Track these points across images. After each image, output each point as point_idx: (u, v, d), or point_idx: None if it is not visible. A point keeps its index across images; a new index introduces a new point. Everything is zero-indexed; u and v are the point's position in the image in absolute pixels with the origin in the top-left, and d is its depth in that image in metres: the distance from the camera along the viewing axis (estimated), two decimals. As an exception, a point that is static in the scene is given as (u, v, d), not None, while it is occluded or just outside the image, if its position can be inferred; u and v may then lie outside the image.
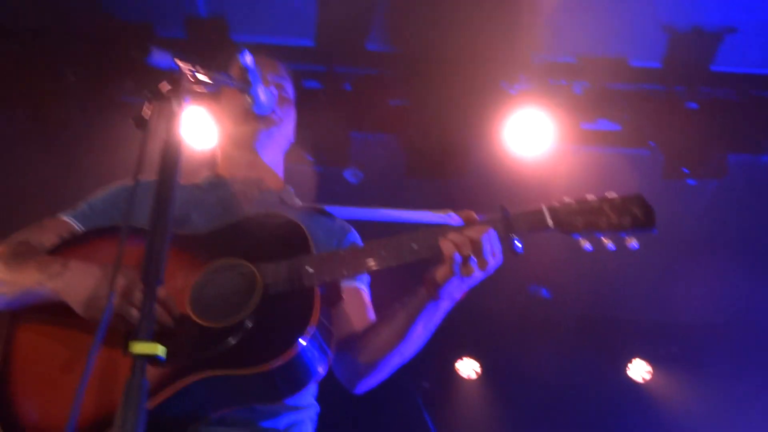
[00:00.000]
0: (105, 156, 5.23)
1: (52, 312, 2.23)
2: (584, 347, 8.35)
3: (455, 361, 8.75)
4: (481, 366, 8.72)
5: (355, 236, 2.70)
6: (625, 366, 8.71)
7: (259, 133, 2.70)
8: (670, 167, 5.54)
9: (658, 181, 5.60)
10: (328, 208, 2.72)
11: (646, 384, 8.69)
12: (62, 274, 2.21)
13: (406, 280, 2.45)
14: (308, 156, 5.26)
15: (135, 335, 1.65)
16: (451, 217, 2.38)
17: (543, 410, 8.29)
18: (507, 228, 2.22)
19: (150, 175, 2.03)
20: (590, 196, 2.28)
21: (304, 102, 5.07)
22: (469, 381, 8.80)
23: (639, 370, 8.69)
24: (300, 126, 2.95)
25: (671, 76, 5.41)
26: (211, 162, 2.85)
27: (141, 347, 1.64)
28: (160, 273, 1.73)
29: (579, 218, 2.24)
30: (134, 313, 2.07)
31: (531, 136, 5.41)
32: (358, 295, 2.59)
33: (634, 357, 8.70)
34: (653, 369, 8.67)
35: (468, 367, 8.76)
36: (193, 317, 2.16)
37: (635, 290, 7.60)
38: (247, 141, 2.72)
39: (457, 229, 2.23)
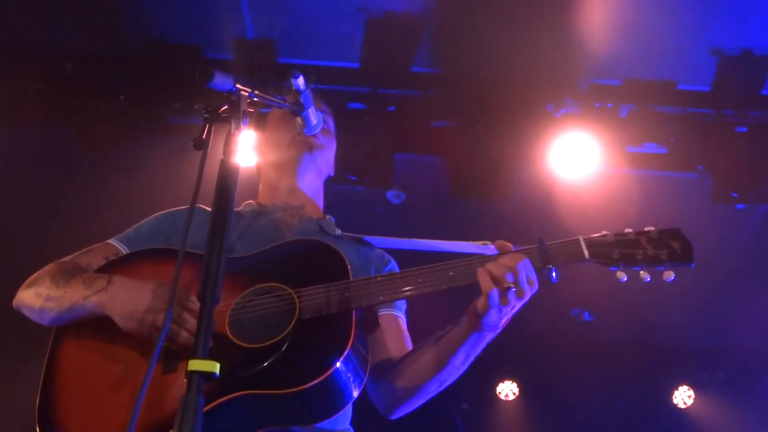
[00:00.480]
0: (152, 175, 5.32)
1: (96, 327, 2.28)
2: (626, 371, 8.23)
3: (495, 382, 8.68)
4: (522, 388, 8.64)
5: (394, 266, 2.71)
6: (670, 392, 8.56)
7: (303, 157, 2.73)
8: (719, 191, 5.46)
9: (706, 205, 5.52)
10: (367, 237, 2.73)
11: (690, 410, 8.52)
12: (106, 288, 2.27)
13: (444, 309, 2.44)
14: (351, 176, 5.29)
15: (193, 352, 1.68)
16: (490, 248, 2.38)
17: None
18: (543, 259, 2.21)
19: (197, 199, 2.06)
20: (628, 230, 2.27)
21: (348, 123, 5.14)
22: (508, 403, 8.72)
23: (683, 395, 8.54)
24: (344, 146, 2.97)
25: (720, 100, 5.35)
26: (250, 189, 2.87)
27: (198, 364, 1.66)
28: (217, 292, 1.76)
29: (616, 251, 2.23)
30: (182, 333, 2.13)
31: (576, 159, 5.38)
32: (395, 322, 2.59)
33: (679, 383, 8.55)
34: (698, 395, 8.51)
35: (508, 389, 8.69)
36: (232, 338, 2.19)
37: (680, 314, 7.47)
38: (289, 166, 2.75)
39: (493, 257, 2.23)
